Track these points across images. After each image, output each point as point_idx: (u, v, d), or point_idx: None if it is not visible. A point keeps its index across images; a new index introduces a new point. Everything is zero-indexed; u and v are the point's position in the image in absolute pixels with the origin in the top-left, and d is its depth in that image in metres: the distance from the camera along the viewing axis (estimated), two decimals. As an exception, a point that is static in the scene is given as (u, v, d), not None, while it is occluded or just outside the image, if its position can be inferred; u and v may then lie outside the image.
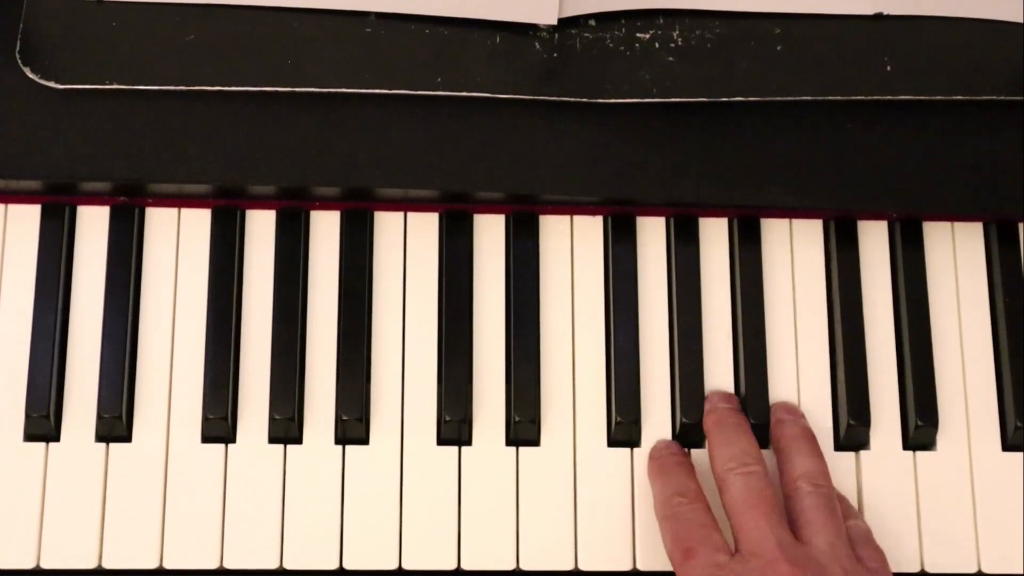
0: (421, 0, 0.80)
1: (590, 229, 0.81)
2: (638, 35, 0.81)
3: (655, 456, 0.77)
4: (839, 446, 0.78)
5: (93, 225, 0.79)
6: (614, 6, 0.81)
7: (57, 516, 0.75)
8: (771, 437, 0.77)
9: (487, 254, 0.80)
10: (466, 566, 0.76)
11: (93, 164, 0.77)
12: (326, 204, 0.80)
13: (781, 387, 0.79)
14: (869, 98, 0.80)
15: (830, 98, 0.80)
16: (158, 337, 0.78)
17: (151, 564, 0.75)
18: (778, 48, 0.81)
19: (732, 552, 0.71)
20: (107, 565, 0.75)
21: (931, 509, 0.77)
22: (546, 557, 0.76)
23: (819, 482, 0.74)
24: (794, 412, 0.78)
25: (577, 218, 0.81)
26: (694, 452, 0.78)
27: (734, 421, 0.76)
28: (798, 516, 0.73)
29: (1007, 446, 0.79)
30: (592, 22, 0.81)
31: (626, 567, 0.76)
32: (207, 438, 0.77)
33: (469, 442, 0.77)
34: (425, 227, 0.80)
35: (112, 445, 0.76)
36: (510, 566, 0.76)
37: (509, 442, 0.77)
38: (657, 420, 0.78)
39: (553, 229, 0.81)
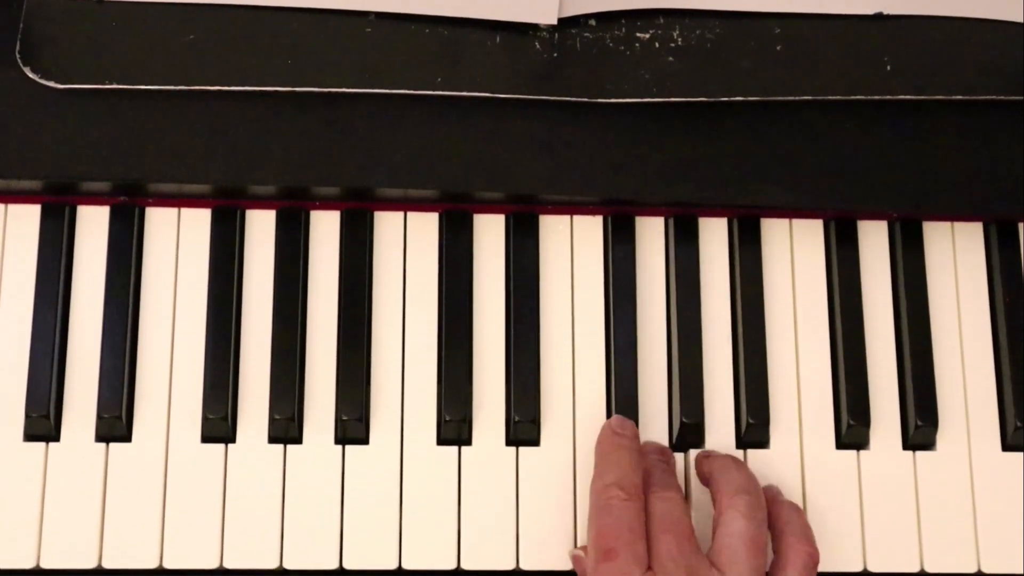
0: (421, 0, 0.80)
1: (590, 229, 0.81)
2: (638, 35, 0.80)
3: (604, 434, 0.76)
4: (839, 446, 0.78)
5: (93, 225, 0.79)
6: (614, 6, 0.81)
7: (57, 516, 0.75)
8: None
9: (487, 254, 0.80)
10: (466, 566, 0.76)
11: (93, 164, 0.77)
12: (326, 204, 0.80)
13: (781, 387, 0.79)
14: (869, 98, 0.80)
15: (830, 98, 0.80)
16: (158, 337, 0.78)
17: (151, 564, 0.75)
18: (778, 48, 0.81)
19: (647, 566, 0.70)
20: (107, 565, 0.75)
21: (931, 509, 0.77)
22: (546, 557, 0.76)
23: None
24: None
25: (577, 218, 0.81)
26: (680, 455, 0.78)
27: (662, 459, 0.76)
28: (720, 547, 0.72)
29: (1007, 446, 0.79)
30: (592, 22, 0.81)
31: (626, 567, 0.76)
32: (207, 438, 0.77)
33: (469, 442, 0.77)
34: (425, 227, 0.80)
35: (112, 445, 0.76)
36: (510, 566, 0.76)
37: (509, 442, 0.77)
38: (656, 420, 0.78)
39: (553, 229, 0.81)
